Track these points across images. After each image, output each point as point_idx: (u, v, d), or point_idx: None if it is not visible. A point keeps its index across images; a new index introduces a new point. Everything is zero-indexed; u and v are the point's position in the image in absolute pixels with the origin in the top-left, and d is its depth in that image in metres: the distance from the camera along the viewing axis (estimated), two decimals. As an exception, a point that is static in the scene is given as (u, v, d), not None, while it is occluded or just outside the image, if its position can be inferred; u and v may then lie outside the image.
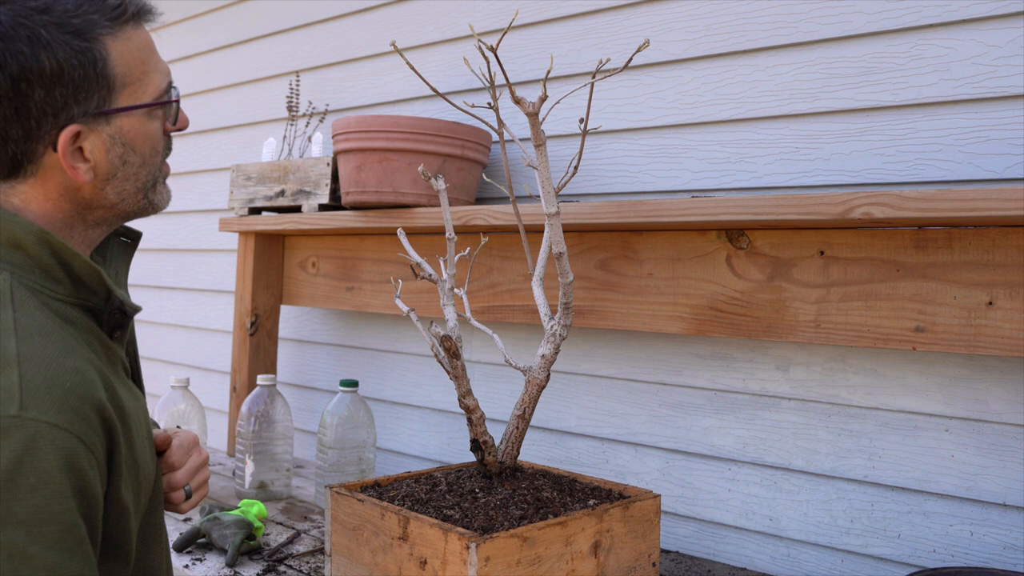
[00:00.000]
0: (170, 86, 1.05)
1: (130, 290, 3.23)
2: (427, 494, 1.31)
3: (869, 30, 1.48)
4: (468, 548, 1.09)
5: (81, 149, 0.97)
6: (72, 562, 0.85)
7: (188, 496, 1.17)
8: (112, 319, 1.02)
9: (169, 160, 1.14)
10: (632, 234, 1.66)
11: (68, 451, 0.85)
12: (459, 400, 1.33)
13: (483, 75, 1.27)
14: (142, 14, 1.00)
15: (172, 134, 1.10)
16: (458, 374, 1.32)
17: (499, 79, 1.83)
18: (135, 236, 1.14)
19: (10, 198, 0.98)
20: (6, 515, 0.81)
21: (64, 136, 0.94)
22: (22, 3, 0.92)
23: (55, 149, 0.95)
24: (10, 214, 0.95)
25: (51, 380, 0.86)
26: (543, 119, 1.25)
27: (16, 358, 0.86)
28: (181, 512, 1.18)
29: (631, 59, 1.28)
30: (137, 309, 1.05)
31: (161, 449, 1.15)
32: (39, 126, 0.94)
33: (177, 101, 1.06)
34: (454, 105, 1.28)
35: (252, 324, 2.33)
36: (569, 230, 1.70)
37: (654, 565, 1.33)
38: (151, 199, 1.07)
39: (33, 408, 0.84)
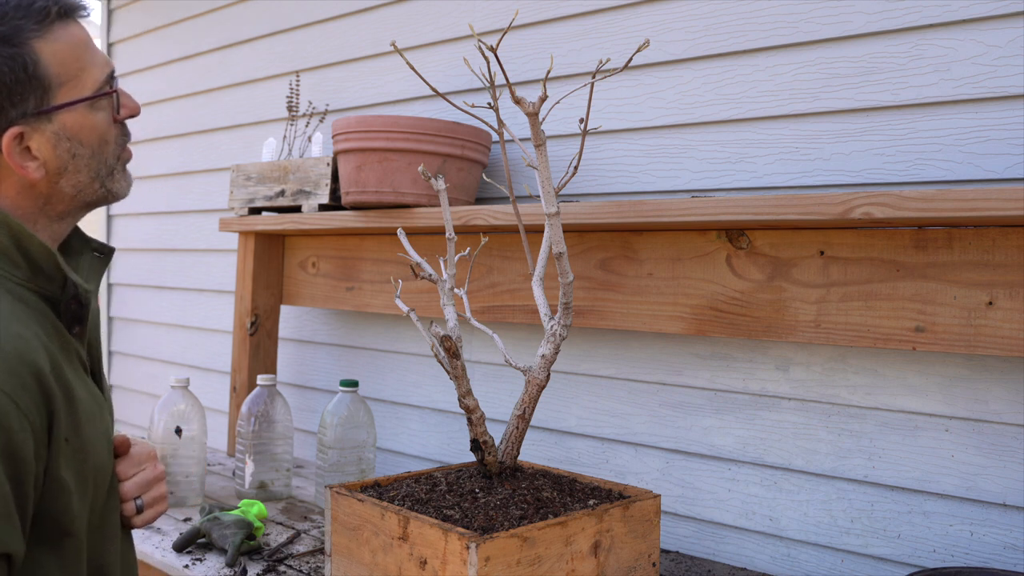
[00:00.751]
0: (110, 77, 1.06)
1: (130, 290, 3.23)
2: (427, 494, 1.31)
3: (869, 30, 1.48)
4: (468, 548, 1.09)
5: (28, 149, 1.00)
6: None
7: (139, 510, 1.15)
8: (69, 310, 1.03)
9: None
10: (632, 234, 1.66)
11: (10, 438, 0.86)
12: (459, 400, 1.33)
13: (483, 75, 1.27)
14: (70, 11, 1.02)
15: (127, 121, 1.11)
16: (458, 374, 1.32)
17: (499, 79, 1.83)
18: (108, 251, 1.15)
19: None
20: None
21: (6, 139, 0.97)
22: None
23: (1, 153, 0.98)
24: None
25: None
26: (543, 119, 1.25)
27: None
28: (134, 527, 1.16)
29: (631, 59, 1.28)
30: (90, 292, 1.06)
31: (117, 453, 1.14)
32: None
33: (115, 91, 1.07)
34: (454, 105, 1.28)
35: (252, 324, 2.33)
36: (569, 230, 1.70)
37: (654, 565, 1.33)
38: (108, 187, 1.08)
39: None
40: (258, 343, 2.35)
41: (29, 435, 0.90)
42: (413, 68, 1.27)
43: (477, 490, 1.32)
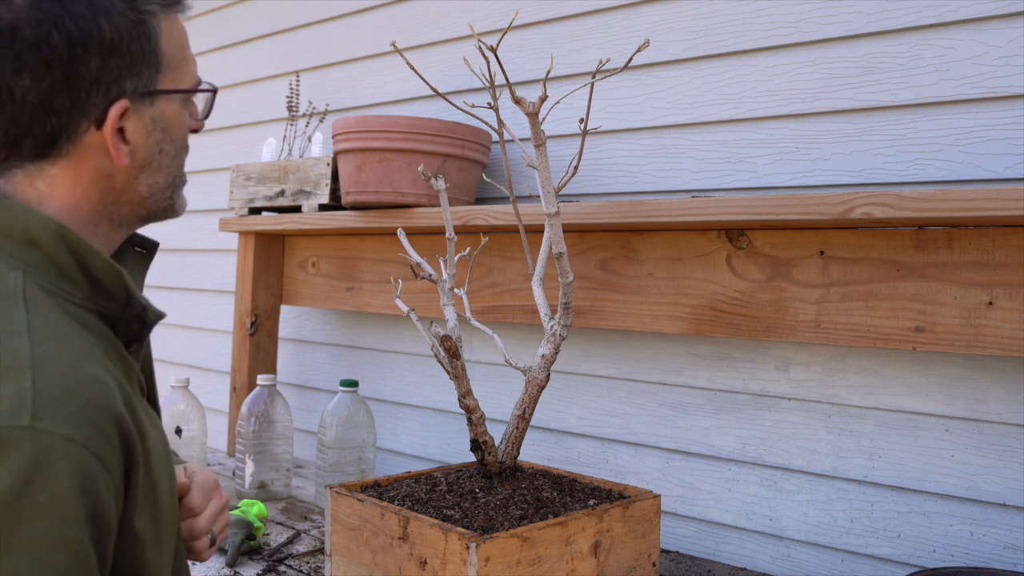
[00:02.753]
0: (201, 80, 1.00)
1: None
2: (427, 494, 1.31)
3: (869, 30, 1.48)
4: (468, 548, 1.09)
5: (123, 130, 0.90)
6: None
7: (212, 543, 1.08)
8: (130, 329, 0.93)
9: None
10: (632, 234, 1.66)
11: (84, 469, 0.76)
12: (459, 400, 1.33)
13: (483, 75, 1.27)
14: (184, 6, 0.96)
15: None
16: (458, 374, 1.32)
17: (499, 79, 1.83)
18: (151, 246, 1.06)
19: (35, 182, 0.89)
20: (11, 539, 0.72)
21: (115, 111, 0.88)
22: None
23: (98, 127, 0.88)
24: (25, 208, 0.86)
25: (67, 388, 0.77)
26: (543, 119, 1.25)
27: (30, 363, 0.76)
28: (202, 560, 1.08)
29: (631, 59, 1.28)
30: (160, 316, 0.96)
31: (181, 494, 1.05)
32: (88, 98, 0.86)
33: (215, 91, 1.01)
34: (454, 105, 1.28)
35: (252, 324, 2.33)
36: (569, 230, 1.70)
37: (654, 565, 1.33)
38: (174, 200, 1.00)
39: (47, 419, 0.74)
40: (258, 343, 2.35)
41: (112, 495, 0.80)
42: (413, 68, 1.27)
43: (477, 490, 1.32)
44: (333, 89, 2.41)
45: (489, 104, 1.29)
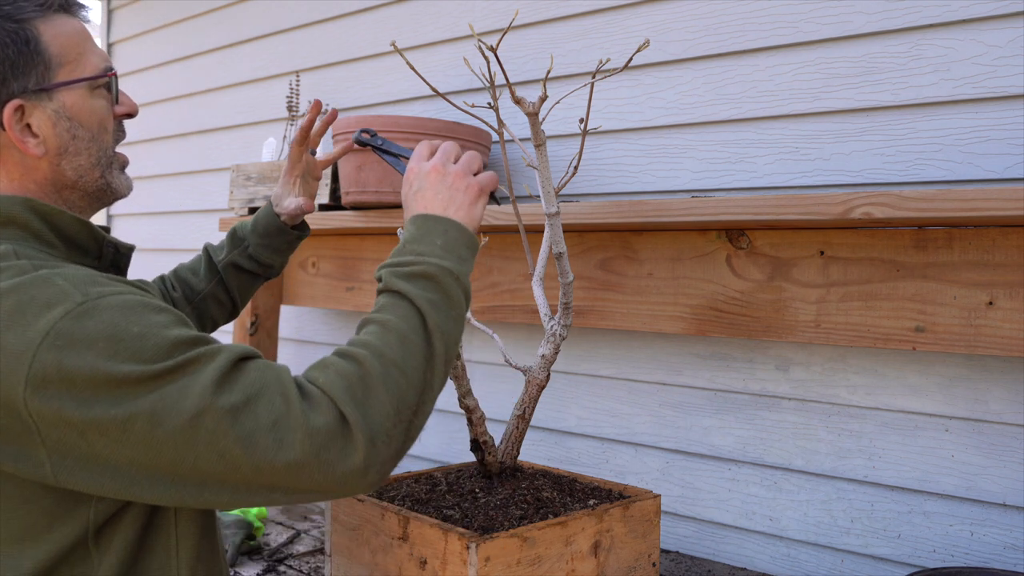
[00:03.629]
0: (109, 69, 1.09)
1: (130, 290, 3.22)
2: (427, 494, 1.31)
3: (869, 30, 1.48)
4: (468, 548, 1.09)
5: (29, 126, 1.01)
6: (213, 346, 0.90)
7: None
8: (107, 260, 1.07)
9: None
10: (632, 234, 1.66)
11: (139, 299, 0.91)
12: (459, 400, 1.33)
13: (483, 75, 1.27)
14: (69, 6, 1.06)
15: (124, 120, 1.14)
16: (458, 374, 1.32)
17: (499, 79, 1.83)
18: (127, 249, 1.15)
19: None
20: (140, 359, 0.85)
21: (7, 111, 0.99)
22: None
23: (3, 127, 1.00)
24: None
25: (84, 274, 0.92)
26: (543, 119, 1.25)
27: (50, 274, 0.90)
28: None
29: (631, 59, 1.27)
30: (131, 247, 1.10)
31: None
32: None
33: (114, 75, 1.09)
34: (454, 105, 1.28)
35: (252, 324, 2.33)
36: (569, 230, 1.70)
37: (654, 565, 1.33)
38: (108, 180, 1.09)
39: (92, 291, 0.89)
40: (258, 343, 2.35)
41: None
42: (413, 68, 1.27)
43: (477, 490, 1.32)
44: (333, 89, 2.41)
45: (489, 104, 1.29)
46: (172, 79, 3.02)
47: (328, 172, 2.01)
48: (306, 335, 2.49)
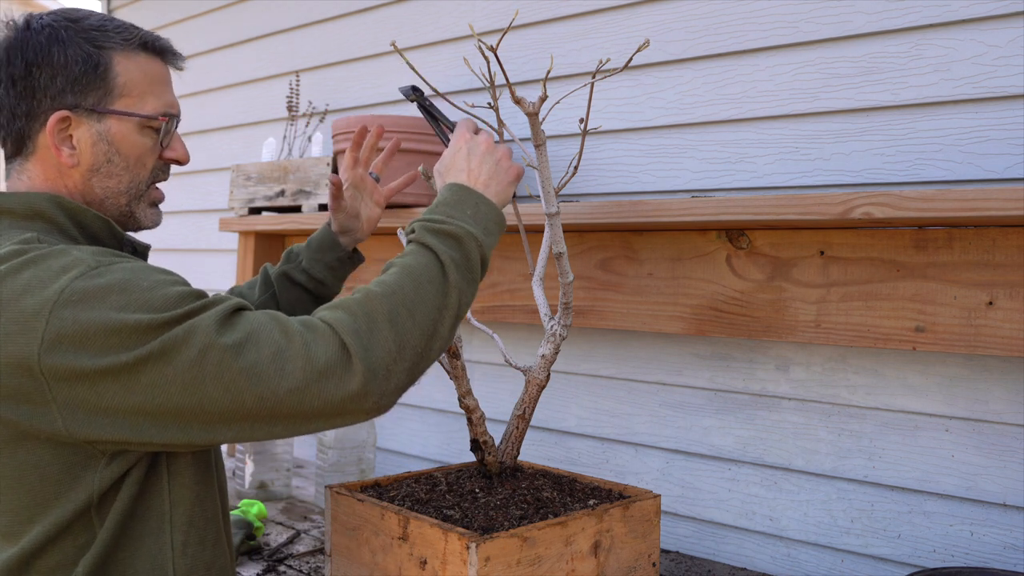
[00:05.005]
0: (170, 116, 1.17)
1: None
2: (427, 494, 1.31)
3: (869, 30, 1.48)
4: (468, 548, 1.09)
5: (70, 137, 1.10)
6: (215, 297, 0.99)
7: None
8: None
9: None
10: (632, 234, 1.66)
11: (148, 265, 0.99)
12: (459, 400, 1.33)
13: (483, 75, 1.27)
14: (155, 47, 1.16)
15: (171, 165, 1.21)
16: (458, 374, 1.32)
17: (499, 79, 1.83)
18: (144, 248, 1.20)
19: (21, 176, 1.11)
20: (149, 308, 0.93)
21: (54, 117, 1.08)
22: (64, 14, 1.11)
23: (47, 129, 1.08)
24: (24, 192, 1.08)
25: (98, 249, 1.01)
26: (543, 119, 1.25)
27: (68, 248, 0.98)
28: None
29: (631, 59, 1.28)
30: (147, 246, 1.18)
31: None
32: (39, 105, 1.08)
33: (168, 120, 1.16)
34: (454, 105, 1.28)
35: (252, 324, 2.33)
36: (569, 230, 1.70)
37: (654, 565, 1.33)
38: (133, 210, 1.16)
39: (104, 259, 0.97)
40: (258, 343, 2.34)
41: None
42: (413, 68, 1.27)
43: (477, 490, 1.32)
44: (333, 89, 2.41)
45: (489, 104, 1.29)
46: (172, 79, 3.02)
47: (328, 172, 2.01)
48: (306, 335, 2.48)
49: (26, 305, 0.92)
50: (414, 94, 1.30)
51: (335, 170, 2.00)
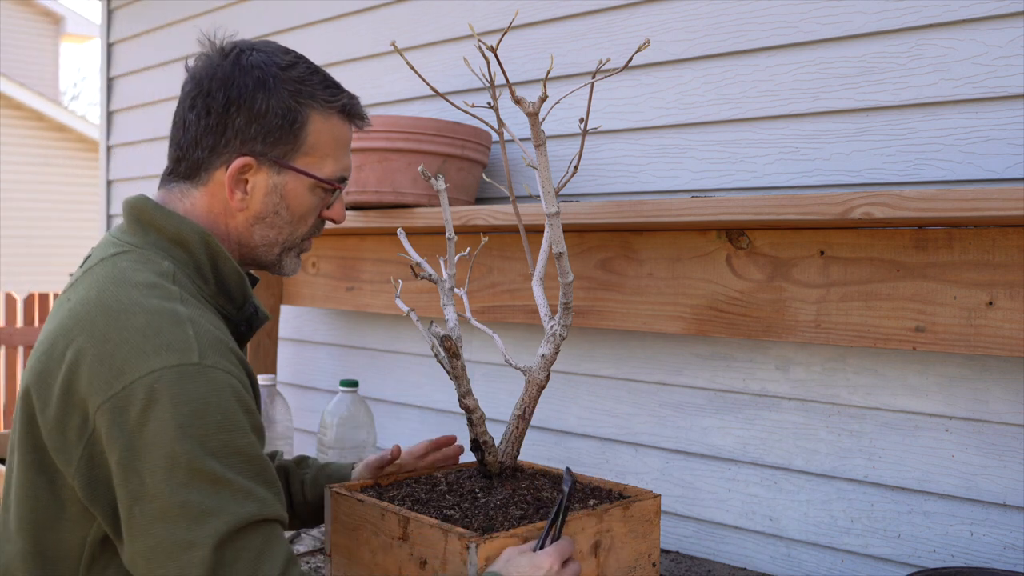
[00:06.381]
0: (343, 180, 1.20)
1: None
2: (427, 494, 1.31)
3: (869, 30, 1.48)
4: (468, 548, 1.09)
5: (247, 181, 1.12)
6: (261, 489, 0.97)
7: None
8: (237, 332, 1.15)
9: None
10: (632, 234, 1.66)
11: (238, 393, 0.99)
12: (459, 400, 1.33)
13: (483, 75, 1.27)
14: (352, 113, 1.19)
15: (327, 222, 1.23)
16: (458, 374, 1.32)
17: (499, 79, 1.83)
18: (264, 317, 1.23)
19: (184, 198, 1.13)
20: (202, 448, 0.93)
21: (239, 160, 1.10)
22: (274, 56, 1.12)
23: (227, 169, 1.11)
24: (179, 215, 1.10)
25: (213, 335, 1.01)
26: (543, 119, 1.25)
27: (188, 318, 1.00)
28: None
29: (631, 59, 1.27)
30: (267, 317, 1.21)
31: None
32: (227, 145, 1.11)
33: (340, 188, 1.19)
34: (454, 105, 1.28)
35: (252, 324, 2.33)
36: (569, 230, 1.70)
37: (654, 565, 1.33)
38: (281, 259, 1.20)
39: (209, 357, 0.98)
40: (258, 343, 2.35)
41: (256, 415, 1.03)
42: (413, 68, 1.27)
43: (477, 490, 1.32)
44: (333, 89, 2.41)
45: (489, 104, 1.29)
46: (172, 79, 3.02)
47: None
48: (306, 335, 2.49)
49: (120, 355, 0.95)
50: (569, 478, 1.20)
51: None
